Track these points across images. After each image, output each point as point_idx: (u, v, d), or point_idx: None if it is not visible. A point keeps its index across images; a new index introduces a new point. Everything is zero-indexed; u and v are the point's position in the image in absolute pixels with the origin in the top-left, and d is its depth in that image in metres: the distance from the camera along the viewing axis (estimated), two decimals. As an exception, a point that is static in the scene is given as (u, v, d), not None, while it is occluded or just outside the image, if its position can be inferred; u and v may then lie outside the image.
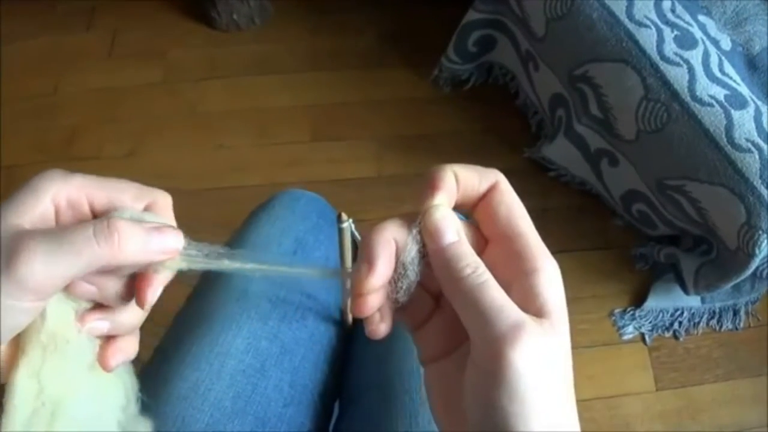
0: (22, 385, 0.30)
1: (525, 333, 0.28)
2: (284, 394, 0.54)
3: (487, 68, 1.45)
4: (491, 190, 0.33)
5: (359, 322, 0.65)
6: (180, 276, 0.35)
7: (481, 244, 0.34)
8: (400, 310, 0.34)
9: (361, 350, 0.62)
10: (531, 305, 0.30)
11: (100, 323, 0.33)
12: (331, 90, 1.50)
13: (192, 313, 0.59)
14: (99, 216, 0.32)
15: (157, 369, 0.54)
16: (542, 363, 0.28)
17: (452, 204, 0.33)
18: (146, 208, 0.34)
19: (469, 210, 0.35)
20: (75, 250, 0.29)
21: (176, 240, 0.32)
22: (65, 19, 1.61)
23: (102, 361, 0.33)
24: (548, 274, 0.31)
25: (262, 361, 0.55)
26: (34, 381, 0.31)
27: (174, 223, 0.35)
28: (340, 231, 0.49)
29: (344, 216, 0.36)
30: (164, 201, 0.35)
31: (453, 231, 0.32)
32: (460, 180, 0.33)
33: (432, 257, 0.32)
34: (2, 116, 1.43)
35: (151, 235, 0.31)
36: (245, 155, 1.41)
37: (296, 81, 1.51)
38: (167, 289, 0.34)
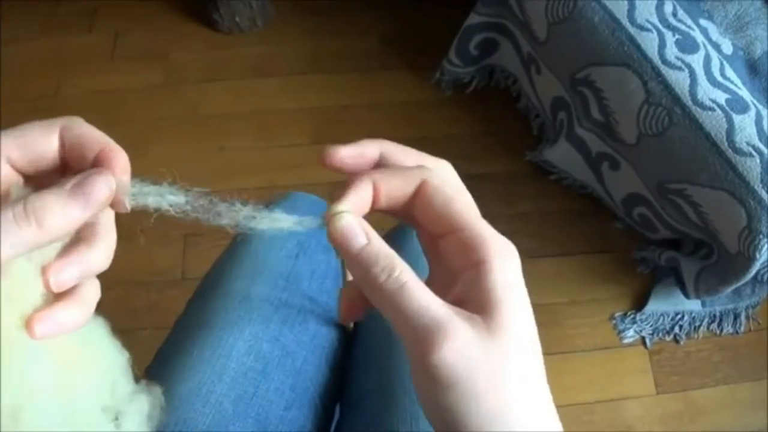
0: None
1: (449, 333, 0.28)
2: (286, 396, 0.54)
3: (489, 71, 1.45)
4: (422, 188, 0.32)
5: (360, 325, 0.65)
6: (181, 278, 0.34)
7: (432, 240, 0.33)
8: None
9: (362, 353, 0.62)
10: (472, 299, 0.29)
11: (69, 270, 0.28)
12: (333, 92, 1.50)
13: (193, 316, 0.59)
14: (25, 172, 0.30)
15: (158, 371, 0.54)
16: (473, 360, 0.28)
17: (364, 210, 0.32)
18: (71, 144, 0.30)
19: (405, 212, 0.33)
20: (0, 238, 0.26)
21: (105, 185, 0.28)
22: (67, 20, 1.61)
23: (27, 325, 0.27)
24: (492, 266, 0.29)
25: (263, 363, 0.55)
26: None
27: (111, 145, 0.30)
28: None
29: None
30: (80, 130, 0.30)
31: (360, 235, 0.31)
32: (381, 187, 0.32)
33: (348, 266, 0.31)
34: (2, 117, 1.42)
35: (74, 197, 0.27)
36: (247, 158, 1.41)
37: (298, 83, 1.51)
38: (167, 292, 0.33)
